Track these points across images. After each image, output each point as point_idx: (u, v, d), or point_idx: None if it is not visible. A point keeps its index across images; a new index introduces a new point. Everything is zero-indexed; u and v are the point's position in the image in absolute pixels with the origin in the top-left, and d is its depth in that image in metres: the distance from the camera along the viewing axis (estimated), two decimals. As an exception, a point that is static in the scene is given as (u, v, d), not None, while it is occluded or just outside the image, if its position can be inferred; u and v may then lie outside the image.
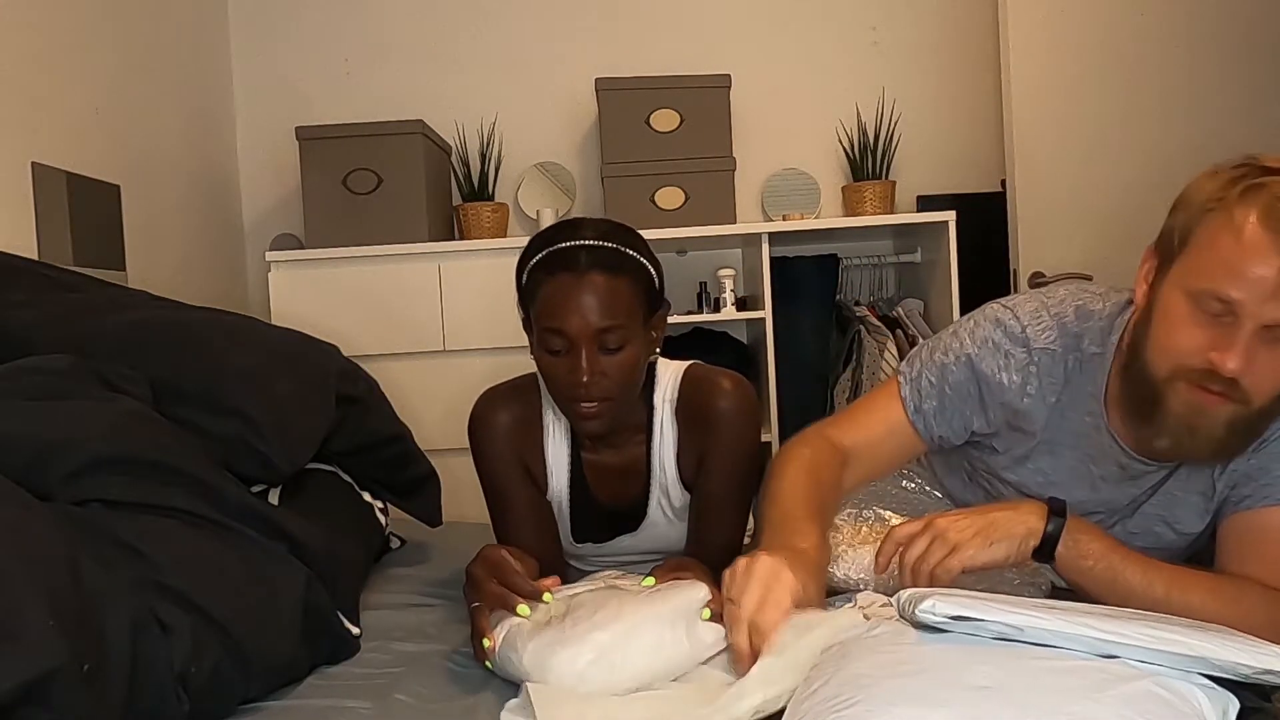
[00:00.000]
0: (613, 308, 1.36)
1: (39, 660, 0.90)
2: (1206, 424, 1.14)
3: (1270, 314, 1.08)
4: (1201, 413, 1.14)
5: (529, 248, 1.44)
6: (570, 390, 1.38)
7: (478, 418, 1.53)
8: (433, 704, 1.16)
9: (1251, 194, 1.10)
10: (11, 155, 2.03)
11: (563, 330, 1.36)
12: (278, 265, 2.77)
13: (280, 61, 3.23)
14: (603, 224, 1.44)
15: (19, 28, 2.08)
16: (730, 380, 1.49)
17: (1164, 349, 1.15)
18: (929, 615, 0.92)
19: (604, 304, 1.35)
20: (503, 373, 1.64)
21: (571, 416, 1.44)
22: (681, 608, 1.18)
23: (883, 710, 0.82)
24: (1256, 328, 1.09)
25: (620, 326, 1.36)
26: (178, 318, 1.65)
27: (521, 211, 3.23)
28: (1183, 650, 0.86)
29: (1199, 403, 1.13)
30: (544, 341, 1.39)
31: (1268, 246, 1.07)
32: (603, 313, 1.35)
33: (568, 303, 1.35)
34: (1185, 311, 1.13)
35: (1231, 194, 1.12)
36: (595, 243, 1.39)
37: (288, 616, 1.24)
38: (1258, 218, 1.08)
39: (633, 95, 2.88)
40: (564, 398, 1.41)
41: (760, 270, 2.84)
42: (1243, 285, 1.08)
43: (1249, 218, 1.09)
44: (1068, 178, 2.69)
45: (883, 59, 3.26)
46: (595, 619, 1.17)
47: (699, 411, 1.49)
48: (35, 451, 1.18)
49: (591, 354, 1.36)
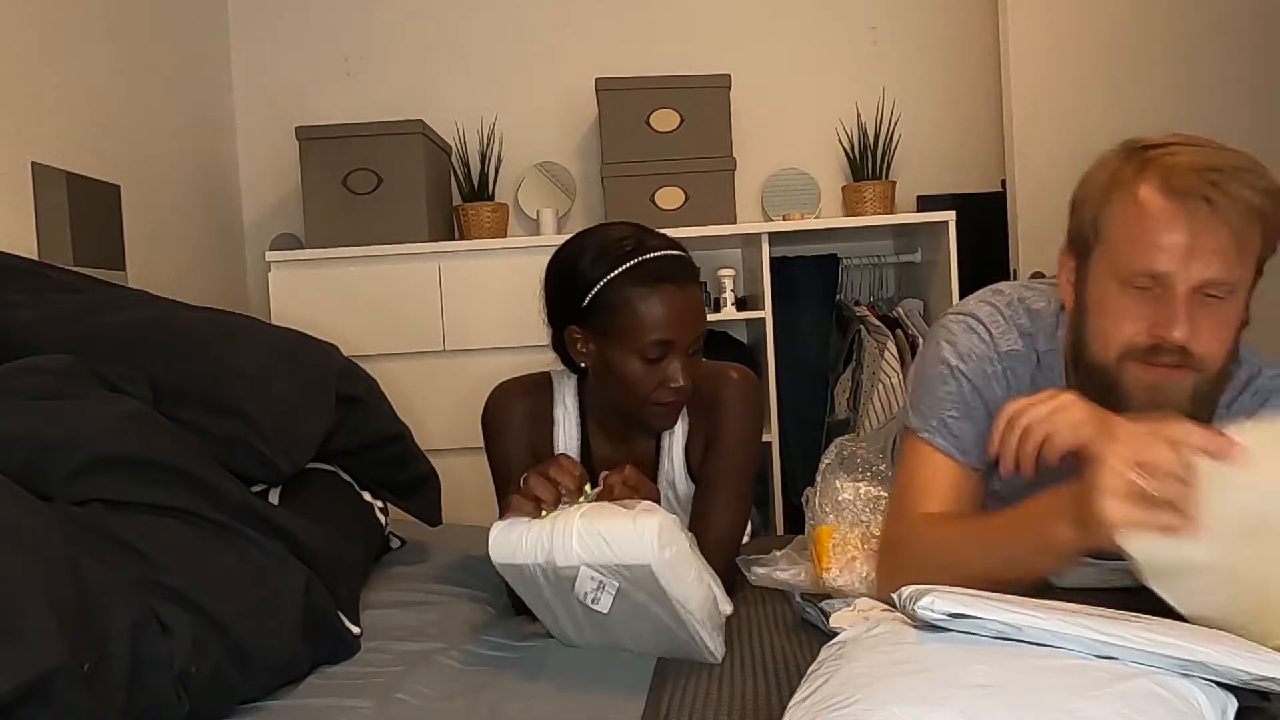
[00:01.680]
0: (702, 317, 1.49)
1: (39, 660, 0.90)
2: (1170, 398, 1.15)
3: (1198, 274, 1.12)
4: (1161, 389, 1.15)
5: (601, 256, 1.46)
6: (660, 394, 1.46)
7: (492, 407, 1.59)
8: (433, 703, 1.16)
9: (1144, 169, 1.15)
10: (11, 155, 2.03)
11: (672, 340, 1.44)
12: (278, 265, 2.77)
13: (280, 61, 3.24)
14: (662, 235, 1.51)
15: (19, 28, 2.08)
16: (737, 371, 1.57)
17: (1107, 336, 1.18)
18: (928, 612, 0.92)
19: (699, 314, 1.48)
20: (503, 372, 1.65)
21: (649, 417, 1.50)
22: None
23: (882, 708, 0.82)
24: (1188, 291, 1.12)
25: (702, 334, 1.48)
26: (177, 317, 1.64)
27: (521, 211, 3.23)
28: (1181, 654, 0.86)
29: (1155, 380, 1.15)
30: (642, 350, 1.44)
31: (1174, 212, 1.12)
32: (698, 322, 1.47)
33: (678, 314, 1.44)
34: (1118, 296, 1.16)
35: (1125, 174, 1.17)
36: (680, 254, 1.49)
37: (288, 616, 1.24)
38: (1157, 189, 1.13)
39: (633, 95, 2.88)
40: (648, 400, 1.47)
41: (760, 270, 2.84)
42: (1163, 256, 1.12)
43: (1150, 192, 1.14)
44: (1068, 178, 2.67)
45: (883, 59, 3.26)
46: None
47: (708, 401, 1.54)
48: (35, 451, 1.19)
49: (685, 360, 1.45)
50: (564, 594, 1.21)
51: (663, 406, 1.48)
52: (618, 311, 1.43)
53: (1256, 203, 1.11)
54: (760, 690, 1.12)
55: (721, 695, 1.11)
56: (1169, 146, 1.16)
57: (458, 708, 1.14)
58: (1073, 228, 1.25)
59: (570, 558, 1.16)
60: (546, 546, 1.18)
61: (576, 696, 1.15)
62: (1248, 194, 1.11)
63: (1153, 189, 1.14)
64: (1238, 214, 1.11)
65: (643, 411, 1.50)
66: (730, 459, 1.53)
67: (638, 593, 1.16)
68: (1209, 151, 1.15)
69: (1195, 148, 1.15)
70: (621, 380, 1.47)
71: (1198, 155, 1.14)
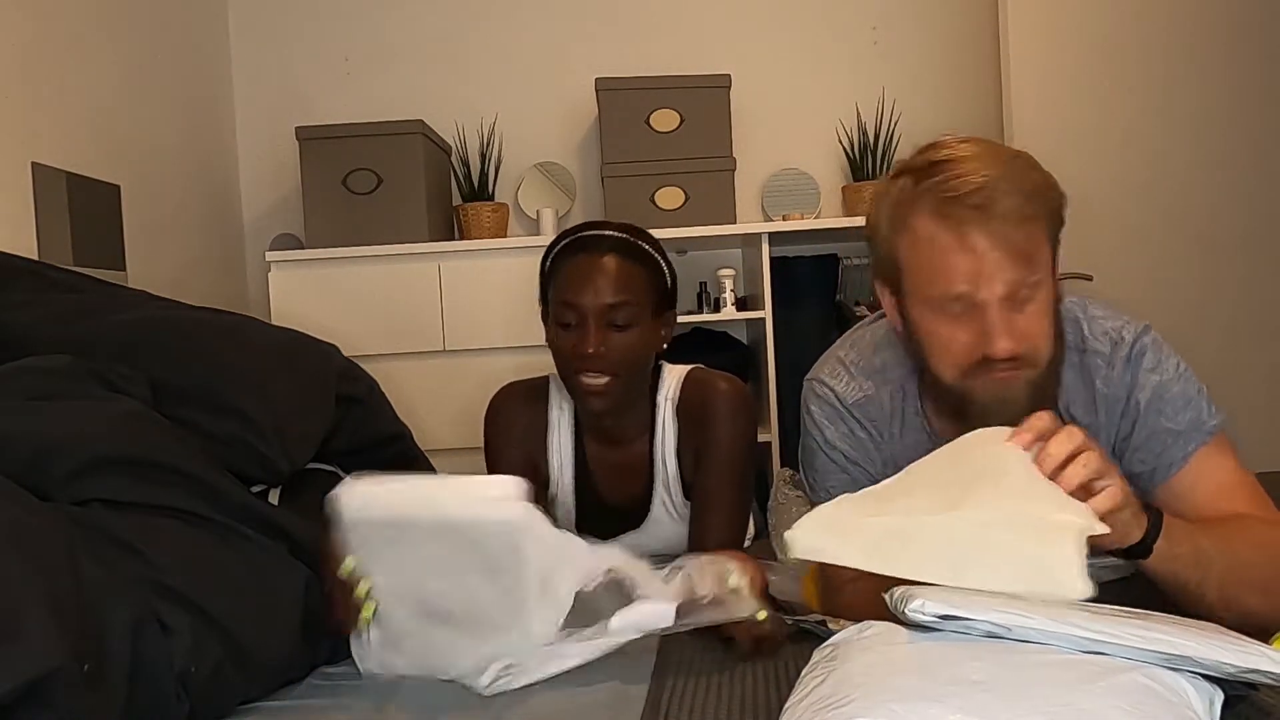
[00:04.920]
0: (623, 287, 1.47)
1: (39, 660, 0.90)
2: (1012, 395, 1.17)
3: (999, 288, 1.13)
4: (1004, 389, 1.17)
5: (554, 242, 1.56)
6: (577, 362, 1.46)
7: (492, 412, 1.62)
8: (433, 703, 1.16)
9: (917, 201, 1.17)
10: (11, 155, 2.03)
11: (576, 303, 1.46)
12: (278, 265, 2.77)
13: (280, 61, 3.24)
14: (622, 224, 1.56)
15: (19, 28, 2.08)
16: (727, 382, 1.57)
17: (940, 360, 1.20)
18: (919, 614, 0.93)
19: (617, 283, 1.46)
20: (503, 372, 1.66)
21: (576, 393, 1.50)
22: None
23: (879, 707, 0.82)
24: (997, 302, 1.14)
25: (629, 304, 1.47)
26: (177, 317, 1.65)
27: (521, 211, 3.23)
28: (1167, 649, 0.87)
29: (997, 385, 1.16)
30: (558, 315, 1.48)
31: (954, 236, 1.14)
32: (614, 291, 1.46)
33: (583, 278, 1.46)
34: (935, 321, 1.19)
35: (902, 209, 1.19)
36: (615, 234, 1.52)
37: (288, 616, 1.24)
38: (930, 219, 1.15)
39: (633, 95, 2.89)
40: (570, 370, 1.48)
41: (760, 270, 2.84)
42: (960, 278, 1.14)
43: (925, 223, 1.16)
44: (1068, 178, 2.68)
45: (883, 59, 3.26)
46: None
47: (697, 410, 1.55)
48: (35, 451, 1.19)
49: (599, 327, 1.45)
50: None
51: (584, 383, 1.47)
52: (551, 284, 1.52)
53: (1029, 209, 1.14)
54: (760, 690, 1.12)
55: (721, 695, 1.11)
56: (937, 167, 1.16)
57: (457, 708, 1.14)
58: (876, 259, 1.27)
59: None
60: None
61: (577, 696, 1.15)
62: (1016, 201, 1.13)
63: (927, 220, 1.16)
64: (1013, 223, 1.13)
65: (573, 391, 1.51)
66: (721, 475, 1.53)
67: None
68: (972, 163, 1.15)
69: (960, 161, 1.15)
70: (552, 353, 1.51)
71: (964, 171, 1.14)
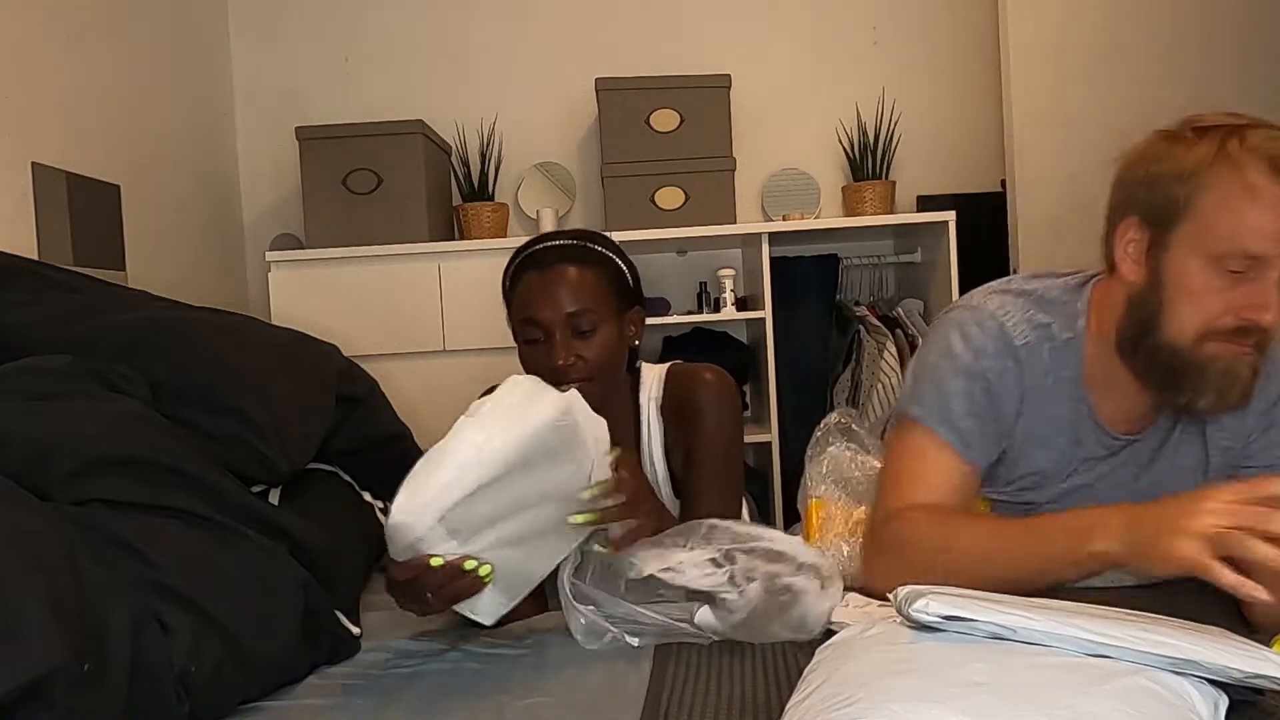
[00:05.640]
0: (581, 294, 1.46)
1: (39, 660, 0.90)
2: (1242, 373, 1.16)
3: None
4: (1238, 364, 1.15)
5: (509, 262, 1.56)
6: (551, 376, 1.41)
7: None
8: (433, 704, 1.16)
9: (1251, 151, 1.12)
10: (11, 155, 2.03)
11: (536, 319, 1.46)
12: (278, 265, 2.77)
13: (280, 61, 3.24)
14: (573, 231, 1.57)
15: (19, 28, 2.08)
16: (710, 372, 1.57)
17: (1189, 316, 1.16)
18: (923, 615, 0.92)
19: (572, 291, 1.46)
20: (503, 373, 1.64)
21: None
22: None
23: (881, 707, 0.82)
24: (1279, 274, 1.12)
25: (590, 310, 1.46)
26: (177, 317, 1.65)
27: (521, 211, 3.23)
28: (1172, 653, 0.86)
29: (1233, 356, 1.15)
30: (522, 334, 1.49)
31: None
32: (571, 299, 1.45)
33: (539, 293, 1.46)
34: (1206, 275, 1.14)
35: (1230, 153, 1.13)
36: (561, 242, 1.51)
37: (288, 616, 1.24)
38: (1265, 172, 1.11)
39: (633, 95, 2.89)
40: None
41: (760, 270, 2.84)
42: (1268, 240, 1.10)
43: (1259, 175, 1.11)
44: (1068, 178, 2.69)
45: (883, 59, 3.26)
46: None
47: (682, 404, 1.55)
48: (35, 451, 1.19)
49: (565, 337, 1.45)
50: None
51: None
52: (511, 305, 1.53)
53: None
54: (760, 690, 1.12)
55: (721, 694, 1.11)
56: (1259, 129, 1.14)
57: (458, 708, 1.14)
58: (1144, 200, 1.20)
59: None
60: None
61: (576, 695, 1.15)
62: None
63: (1261, 173, 1.11)
64: None
65: None
66: (710, 468, 1.52)
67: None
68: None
69: (1268, 129, 1.14)
70: (526, 372, 1.47)
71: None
